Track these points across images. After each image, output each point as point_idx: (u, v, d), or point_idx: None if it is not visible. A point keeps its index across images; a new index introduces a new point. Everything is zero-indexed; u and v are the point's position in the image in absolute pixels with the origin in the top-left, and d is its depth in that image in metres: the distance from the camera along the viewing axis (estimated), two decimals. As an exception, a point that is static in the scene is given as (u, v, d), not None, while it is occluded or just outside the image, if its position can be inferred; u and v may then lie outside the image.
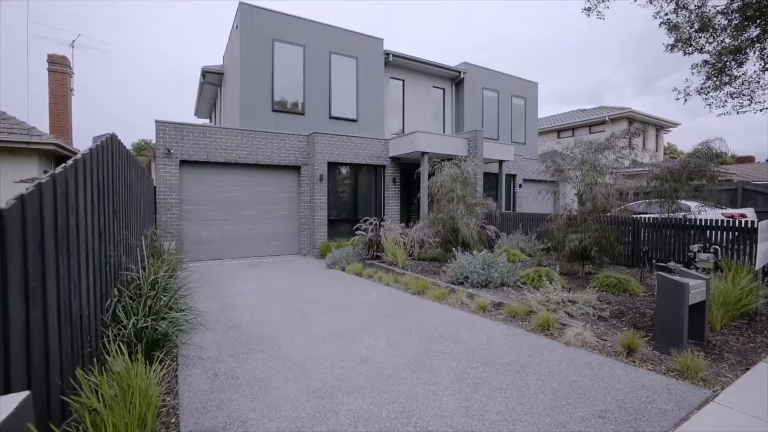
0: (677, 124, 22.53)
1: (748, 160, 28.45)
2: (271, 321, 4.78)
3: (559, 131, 24.24)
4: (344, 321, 4.74)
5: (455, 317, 4.84)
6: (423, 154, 10.88)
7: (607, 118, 20.83)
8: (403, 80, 14.21)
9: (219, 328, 4.47)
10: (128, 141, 32.66)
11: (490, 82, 16.00)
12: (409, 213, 14.31)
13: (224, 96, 14.48)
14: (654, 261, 7.14)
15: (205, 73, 14.22)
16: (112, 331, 3.13)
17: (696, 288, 3.45)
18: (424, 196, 10.97)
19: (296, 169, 11.17)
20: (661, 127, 22.83)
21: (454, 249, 6.88)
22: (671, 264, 7.01)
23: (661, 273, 3.53)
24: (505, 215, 11.28)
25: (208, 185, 10.03)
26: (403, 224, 9.31)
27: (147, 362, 3.02)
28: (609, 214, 6.88)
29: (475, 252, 6.60)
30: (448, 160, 8.16)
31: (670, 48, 6.99)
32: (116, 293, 3.60)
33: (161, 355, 3.19)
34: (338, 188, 11.31)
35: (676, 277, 3.46)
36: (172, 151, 9.41)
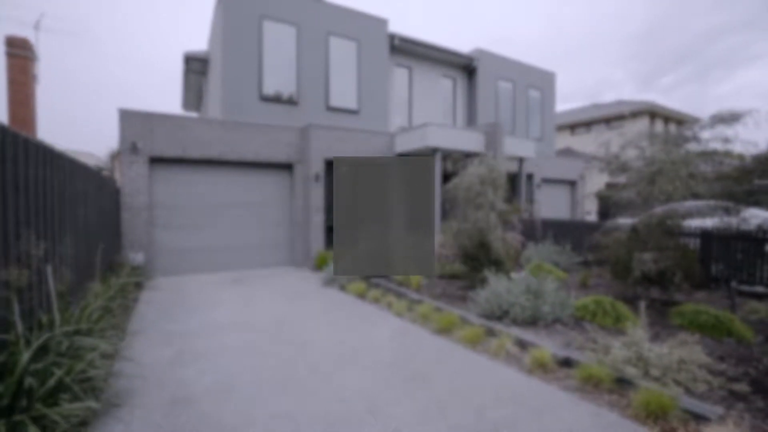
0: (698, 120, 21.02)
1: None
2: (241, 387, 3.29)
3: (573, 127, 22.77)
4: (345, 388, 3.26)
5: (506, 383, 3.35)
6: (435, 150, 9.40)
7: (626, 113, 19.36)
8: (410, 68, 12.69)
9: (158, 403, 2.98)
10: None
11: (505, 72, 14.49)
12: (416, 217, 12.82)
13: (209, 86, 12.95)
14: (734, 284, 5.67)
15: (188, 59, 12.68)
16: None
17: None
18: (436, 199, 9.49)
19: (288, 167, 9.67)
20: (680, 122, 21.35)
21: (485, 269, 5.40)
22: (760, 289, 5.55)
23: None
24: (530, 221, 9.81)
25: (184, 186, 8.53)
26: (414, 233, 7.85)
27: None
28: (679, 225, 5.41)
29: (513, 275, 5.11)
30: (467, 156, 6.71)
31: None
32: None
33: None
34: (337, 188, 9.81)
35: None
36: (139, 145, 7.90)
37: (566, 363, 3.53)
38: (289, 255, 9.75)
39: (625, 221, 6.59)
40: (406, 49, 12.33)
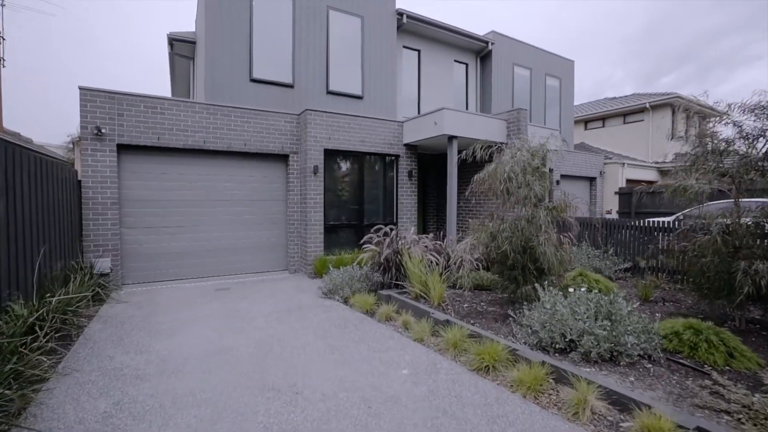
0: (722, 114, 19.79)
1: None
2: (191, 480, 2.07)
3: (586, 122, 21.55)
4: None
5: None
6: (451, 138, 8.18)
7: (647, 105, 18.14)
8: (419, 51, 11.46)
9: None
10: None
11: (521, 57, 13.27)
12: (425, 216, 11.63)
13: (197, 71, 11.72)
14: None
15: (173, 41, 11.43)
16: None
17: None
18: (452, 196, 8.27)
19: (283, 158, 8.44)
20: (704, 116, 20.12)
21: (534, 281, 4.18)
22: None
23: None
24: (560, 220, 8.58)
25: (160, 179, 7.29)
26: (431, 234, 6.60)
27: None
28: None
29: (572, 290, 3.89)
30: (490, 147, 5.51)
31: None
32: None
33: None
34: (338, 184, 8.59)
35: None
36: (104, 131, 6.66)
37: (700, 439, 2.30)
38: (284, 259, 8.52)
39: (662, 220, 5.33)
40: (415, 30, 11.11)
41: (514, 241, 4.39)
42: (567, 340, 3.43)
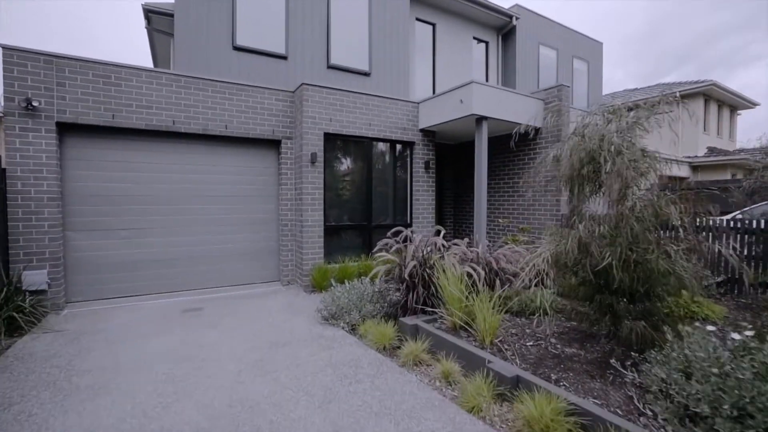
0: (756, 104, 18.34)
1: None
2: None
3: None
4: None
5: None
6: (480, 120, 6.63)
7: (677, 94, 16.60)
8: (434, 25, 9.91)
9: None
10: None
11: (547, 36, 11.72)
12: (441, 216, 10.06)
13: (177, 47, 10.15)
14: None
15: (149, 13, 9.85)
16: None
17: None
18: (481, 191, 6.71)
19: (274, 144, 6.88)
20: (734, 107, 18.63)
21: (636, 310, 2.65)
22: None
23: None
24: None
25: (116, 169, 5.73)
26: (465, 239, 5.05)
27: None
28: None
29: (736, 336, 2.35)
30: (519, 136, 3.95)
31: None
32: None
33: None
34: (341, 177, 7.04)
35: None
36: (38, 104, 5.10)
37: None
38: (275, 268, 6.95)
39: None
40: (429, 0, 9.56)
41: (617, 251, 2.83)
42: (773, 439, 1.87)
